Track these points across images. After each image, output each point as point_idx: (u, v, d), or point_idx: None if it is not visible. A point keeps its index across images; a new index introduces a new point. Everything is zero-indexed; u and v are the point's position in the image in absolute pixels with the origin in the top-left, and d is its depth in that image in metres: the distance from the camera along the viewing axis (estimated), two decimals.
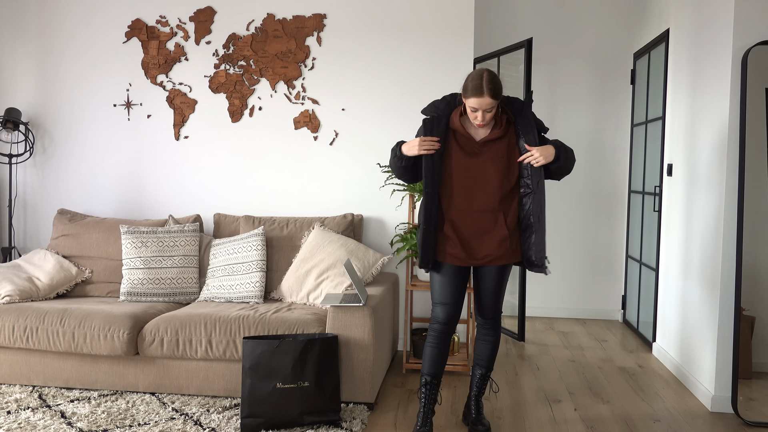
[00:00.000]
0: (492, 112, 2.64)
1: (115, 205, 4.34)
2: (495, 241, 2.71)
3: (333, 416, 2.94)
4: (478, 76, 2.60)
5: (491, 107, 2.61)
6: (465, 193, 2.70)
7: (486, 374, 2.97)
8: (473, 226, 2.71)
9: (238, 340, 3.17)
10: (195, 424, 2.94)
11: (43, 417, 3.00)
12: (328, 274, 3.58)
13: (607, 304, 5.27)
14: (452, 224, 2.73)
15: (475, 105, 2.60)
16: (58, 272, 3.78)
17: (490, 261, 2.74)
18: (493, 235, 2.71)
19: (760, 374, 3.24)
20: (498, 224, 2.71)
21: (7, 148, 4.40)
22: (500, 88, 2.62)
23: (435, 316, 2.79)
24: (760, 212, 3.16)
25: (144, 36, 4.23)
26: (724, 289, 3.22)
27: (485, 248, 2.72)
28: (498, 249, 2.72)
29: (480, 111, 2.62)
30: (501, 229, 2.70)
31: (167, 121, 4.26)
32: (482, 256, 2.73)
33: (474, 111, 2.63)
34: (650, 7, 4.65)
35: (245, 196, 4.23)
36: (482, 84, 2.57)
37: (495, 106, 2.62)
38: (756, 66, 3.11)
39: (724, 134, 3.23)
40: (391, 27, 4.07)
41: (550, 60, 5.16)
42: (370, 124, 4.11)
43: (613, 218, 5.21)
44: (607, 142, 5.18)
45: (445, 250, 2.73)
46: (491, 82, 2.58)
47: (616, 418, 3.16)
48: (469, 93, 2.60)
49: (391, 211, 4.12)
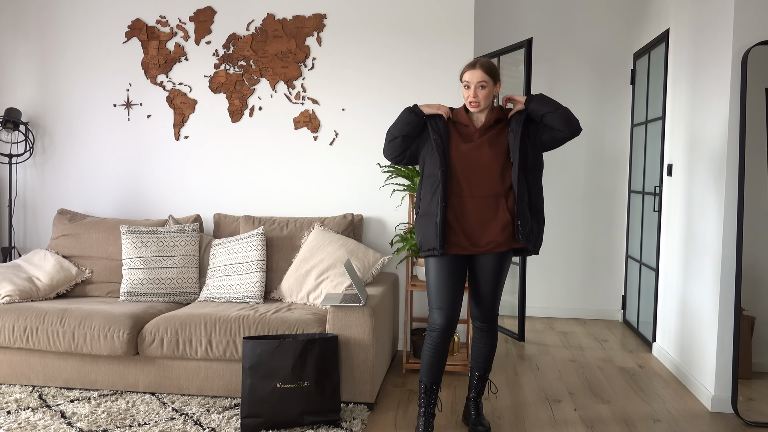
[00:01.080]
0: (486, 90, 2.67)
1: (115, 205, 4.34)
2: (498, 226, 2.71)
3: (333, 416, 2.94)
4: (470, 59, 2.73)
5: (483, 82, 2.66)
6: (466, 179, 2.70)
7: (484, 376, 2.97)
8: (475, 212, 2.71)
9: (238, 340, 3.17)
10: (195, 424, 2.94)
11: (43, 417, 3.00)
12: (328, 274, 3.58)
13: (607, 304, 5.27)
14: (454, 211, 2.72)
15: (467, 78, 2.70)
16: (58, 272, 3.78)
17: (494, 247, 2.72)
18: (495, 221, 2.71)
19: (760, 374, 3.24)
20: (500, 209, 2.70)
21: (7, 148, 4.40)
22: (494, 67, 2.72)
23: (433, 321, 2.78)
24: (760, 212, 3.16)
25: (144, 36, 4.23)
26: (724, 289, 3.22)
27: (488, 234, 2.71)
28: (501, 234, 2.71)
29: (472, 86, 2.66)
30: (503, 214, 2.70)
31: (167, 121, 4.26)
32: (485, 242, 2.72)
33: (467, 88, 2.69)
34: (650, 7, 4.65)
35: (245, 196, 4.23)
36: (476, 60, 2.72)
37: (488, 83, 2.67)
38: (756, 66, 3.11)
39: (724, 134, 3.23)
40: (391, 27, 4.07)
41: (550, 60, 5.16)
42: (370, 124, 4.11)
43: (613, 218, 5.21)
44: (607, 142, 5.18)
45: (448, 240, 2.72)
46: (484, 59, 2.72)
47: (616, 418, 3.16)
48: (463, 68, 2.74)
49: (391, 211, 4.12)
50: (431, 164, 2.73)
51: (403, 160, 2.83)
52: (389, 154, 2.83)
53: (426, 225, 2.74)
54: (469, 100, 2.70)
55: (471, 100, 2.69)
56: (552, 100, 2.70)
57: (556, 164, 5.09)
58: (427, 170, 2.76)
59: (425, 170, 2.78)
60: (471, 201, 2.71)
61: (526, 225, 2.70)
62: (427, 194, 2.75)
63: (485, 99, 2.69)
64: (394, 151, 2.80)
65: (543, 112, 2.68)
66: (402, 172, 3.79)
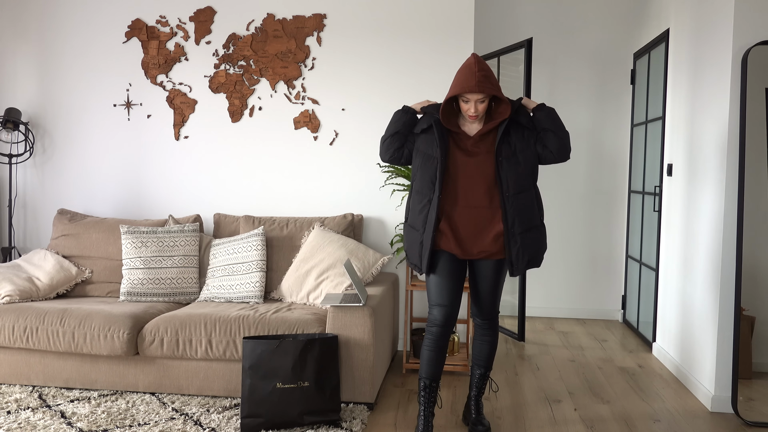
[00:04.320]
0: (484, 103, 2.64)
1: (115, 205, 4.34)
2: (490, 237, 2.70)
3: (333, 416, 2.94)
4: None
5: (482, 98, 2.62)
6: (462, 189, 2.69)
7: (485, 374, 2.97)
8: (469, 222, 2.70)
9: (238, 340, 3.17)
10: (195, 424, 2.94)
11: (43, 417, 3.00)
12: (328, 274, 3.58)
13: (607, 304, 5.27)
14: (448, 220, 2.72)
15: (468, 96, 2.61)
16: (58, 272, 3.78)
17: (487, 256, 2.73)
18: (488, 231, 2.70)
19: (760, 374, 3.24)
20: (494, 220, 2.69)
21: (7, 148, 4.40)
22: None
23: (432, 318, 2.78)
24: (760, 212, 3.16)
25: (144, 36, 4.23)
26: (724, 289, 3.22)
27: (479, 245, 2.71)
28: (493, 245, 2.71)
29: (472, 102, 2.62)
30: (497, 224, 2.69)
31: (167, 121, 4.26)
32: (477, 252, 2.72)
33: (466, 102, 2.64)
34: (650, 7, 4.65)
35: (245, 196, 4.23)
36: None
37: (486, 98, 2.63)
38: (756, 66, 3.11)
39: (724, 134, 3.23)
40: (391, 27, 4.07)
41: (550, 60, 5.16)
42: (370, 124, 4.11)
43: (613, 218, 5.21)
44: (607, 142, 5.18)
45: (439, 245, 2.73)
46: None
47: (616, 418, 3.16)
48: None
49: (391, 211, 4.12)
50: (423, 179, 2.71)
51: (401, 159, 2.82)
52: (384, 154, 2.84)
53: (411, 240, 2.77)
54: (468, 113, 2.66)
55: (471, 114, 2.66)
56: (559, 120, 2.70)
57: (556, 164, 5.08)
58: (417, 184, 2.75)
59: (415, 184, 2.76)
60: (466, 211, 2.70)
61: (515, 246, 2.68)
62: (415, 207, 2.76)
63: (483, 111, 2.67)
64: (387, 150, 2.81)
65: (545, 127, 2.68)
66: (402, 172, 3.79)
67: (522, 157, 2.67)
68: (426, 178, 2.70)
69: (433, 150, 2.69)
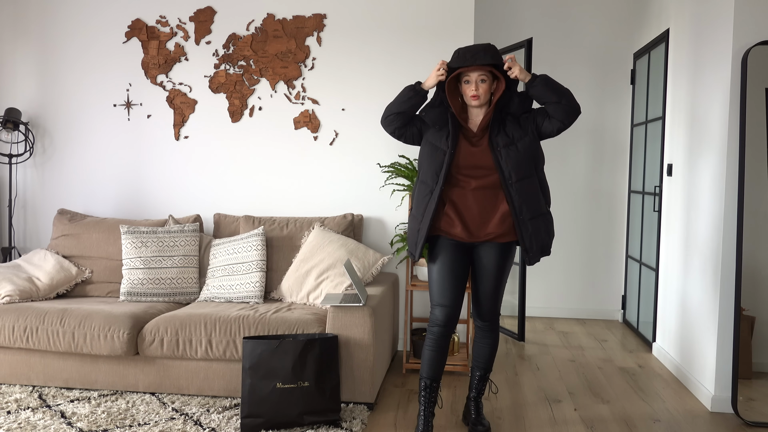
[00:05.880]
0: (486, 84, 2.64)
1: (115, 205, 4.34)
2: (496, 217, 2.70)
3: (333, 416, 2.94)
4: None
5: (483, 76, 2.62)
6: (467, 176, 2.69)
7: (485, 375, 2.97)
8: (474, 204, 2.69)
9: (238, 340, 3.17)
10: (195, 424, 2.94)
11: (43, 417, 3.00)
12: (328, 274, 3.58)
13: (607, 304, 5.27)
14: (453, 206, 2.72)
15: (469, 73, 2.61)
16: (58, 272, 3.78)
17: (493, 238, 2.72)
18: (494, 212, 2.70)
19: (760, 374, 3.24)
20: (498, 200, 2.69)
21: (7, 148, 4.40)
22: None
23: (434, 318, 2.78)
24: (760, 212, 3.16)
25: (144, 36, 4.23)
26: (724, 289, 3.22)
27: (486, 226, 2.71)
28: (499, 226, 2.70)
29: (473, 83, 2.62)
30: (501, 204, 2.69)
31: (167, 121, 4.26)
32: (484, 234, 2.72)
33: (467, 83, 2.64)
34: (650, 7, 4.65)
35: (245, 196, 4.23)
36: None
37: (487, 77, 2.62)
38: (756, 66, 3.11)
39: (724, 134, 3.23)
40: (391, 27, 4.07)
41: (550, 60, 5.16)
42: (370, 124, 4.11)
43: (613, 218, 5.22)
44: (607, 141, 5.18)
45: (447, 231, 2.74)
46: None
47: (616, 418, 3.16)
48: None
49: (391, 211, 4.12)
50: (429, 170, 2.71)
51: (401, 137, 2.80)
52: (385, 126, 2.81)
53: (412, 228, 2.80)
54: (470, 95, 2.66)
55: (473, 95, 2.66)
56: (556, 85, 2.62)
57: (556, 164, 5.09)
58: (422, 174, 2.75)
59: (421, 173, 2.77)
60: (470, 194, 2.70)
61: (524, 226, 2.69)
62: (419, 196, 2.77)
63: (486, 93, 2.66)
64: (389, 124, 2.78)
65: (545, 101, 2.63)
66: (402, 172, 3.79)
67: (521, 144, 2.66)
68: (432, 170, 2.70)
69: (442, 142, 2.69)
